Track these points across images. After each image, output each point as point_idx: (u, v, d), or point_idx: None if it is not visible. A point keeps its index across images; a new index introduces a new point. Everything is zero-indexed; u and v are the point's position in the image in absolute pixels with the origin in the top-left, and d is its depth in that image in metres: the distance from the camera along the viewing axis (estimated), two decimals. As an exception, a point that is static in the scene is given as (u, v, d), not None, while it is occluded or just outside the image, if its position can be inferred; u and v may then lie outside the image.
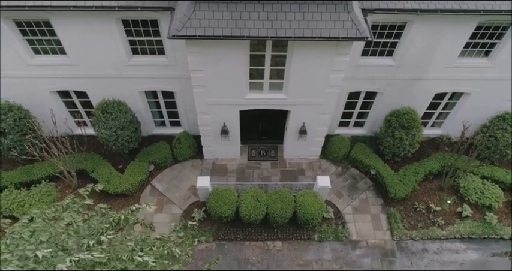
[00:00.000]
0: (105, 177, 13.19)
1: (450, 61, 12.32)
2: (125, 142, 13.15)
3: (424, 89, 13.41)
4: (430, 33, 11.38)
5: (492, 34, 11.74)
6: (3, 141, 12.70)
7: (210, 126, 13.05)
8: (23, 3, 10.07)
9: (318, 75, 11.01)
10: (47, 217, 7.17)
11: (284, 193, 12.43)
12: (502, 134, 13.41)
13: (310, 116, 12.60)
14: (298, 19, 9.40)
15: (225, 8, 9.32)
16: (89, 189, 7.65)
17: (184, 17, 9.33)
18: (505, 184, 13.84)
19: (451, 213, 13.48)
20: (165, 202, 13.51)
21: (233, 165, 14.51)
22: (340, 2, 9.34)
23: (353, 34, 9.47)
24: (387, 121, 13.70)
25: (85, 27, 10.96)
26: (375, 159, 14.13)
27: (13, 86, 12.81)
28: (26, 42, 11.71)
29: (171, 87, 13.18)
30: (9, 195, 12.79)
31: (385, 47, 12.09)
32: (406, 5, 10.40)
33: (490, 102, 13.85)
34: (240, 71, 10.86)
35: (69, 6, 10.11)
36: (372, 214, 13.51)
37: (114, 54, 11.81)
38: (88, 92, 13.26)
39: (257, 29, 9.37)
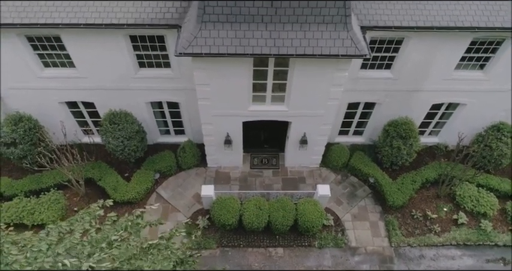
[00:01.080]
0: (112, 185, 13.61)
1: (446, 74, 12.75)
2: (132, 151, 13.58)
3: (422, 100, 13.83)
4: (426, 48, 11.80)
5: (487, 48, 12.16)
6: (14, 150, 13.11)
7: (213, 136, 13.47)
8: (36, 21, 10.52)
9: (318, 89, 11.43)
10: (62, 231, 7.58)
11: (285, 201, 12.86)
12: (497, 144, 13.83)
13: (310, 126, 13.02)
14: (300, 37, 9.82)
15: (230, 27, 9.74)
16: (100, 204, 8.06)
17: (191, 36, 9.75)
18: (499, 192, 14.25)
19: (447, 220, 13.90)
20: (170, 209, 13.93)
21: (236, 173, 14.94)
22: (340, 22, 9.76)
23: (352, 52, 9.88)
24: (385, 131, 14.12)
25: (94, 42, 11.38)
26: (374, 167, 14.56)
27: (23, 97, 13.24)
28: (36, 56, 12.13)
29: (176, 98, 13.61)
30: (20, 202, 13.22)
31: (384, 60, 12.51)
32: (403, 23, 10.83)
33: (486, 112, 14.27)
34: (243, 84, 11.29)
35: (80, 24, 10.54)
36: (370, 221, 13.93)
37: (122, 67, 12.24)
38: (96, 102, 13.69)
39: (260, 47, 9.79)
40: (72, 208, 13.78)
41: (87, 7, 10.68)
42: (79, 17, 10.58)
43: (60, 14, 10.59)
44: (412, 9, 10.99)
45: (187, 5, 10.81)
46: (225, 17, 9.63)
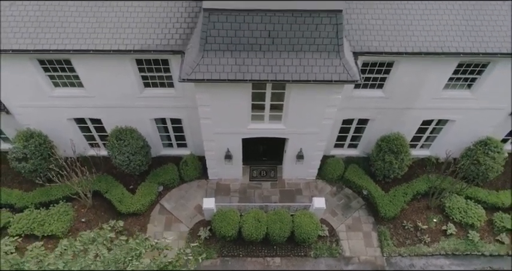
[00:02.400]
0: (118, 198, 14.31)
1: (435, 93, 13.44)
2: (137, 165, 14.29)
3: (412, 117, 14.52)
4: (416, 71, 12.49)
5: (473, 70, 12.85)
6: (25, 165, 13.81)
7: (214, 152, 14.17)
8: (48, 47, 11.22)
9: (314, 109, 12.12)
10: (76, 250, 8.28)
11: (283, 214, 13.56)
12: (484, 158, 14.52)
13: (306, 143, 13.72)
14: (295, 64, 10.52)
15: (230, 55, 10.44)
16: (111, 224, 8.76)
17: (194, 63, 10.45)
18: (487, 204, 14.95)
19: (436, 231, 14.61)
20: (173, 220, 14.64)
21: (236, 185, 15.64)
22: (333, 50, 10.46)
23: (344, 78, 10.58)
24: (378, 145, 14.82)
25: (102, 65, 12.07)
26: (367, 180, 15.26)
27: (34, 114, 13.93)
28: (47, 77, 12.82)
29: (178, 115, 14.31)
30: (30, 214, 13.93)
31: (376, 81, 13.20)
32: (393, 49, 11.53)
33: (474, 128, 14.96)
34: (243, 105, 11.98)
35: (89, 50, 11.25)
36: (364, 231, 14.63)
37: (128, 87, 12.93)
38: (102, 119, 14.38)
39: (258, 73, 10.49)
40: (79, 219, 14.48)
41: (96, 34, 11.38)
42: (88, 43, 11.28)
43: (71, 40, 11.30)
44: (402, 35, 11.68)
45: (190, 32, 11.50)
46: (225, 45, 10.33)
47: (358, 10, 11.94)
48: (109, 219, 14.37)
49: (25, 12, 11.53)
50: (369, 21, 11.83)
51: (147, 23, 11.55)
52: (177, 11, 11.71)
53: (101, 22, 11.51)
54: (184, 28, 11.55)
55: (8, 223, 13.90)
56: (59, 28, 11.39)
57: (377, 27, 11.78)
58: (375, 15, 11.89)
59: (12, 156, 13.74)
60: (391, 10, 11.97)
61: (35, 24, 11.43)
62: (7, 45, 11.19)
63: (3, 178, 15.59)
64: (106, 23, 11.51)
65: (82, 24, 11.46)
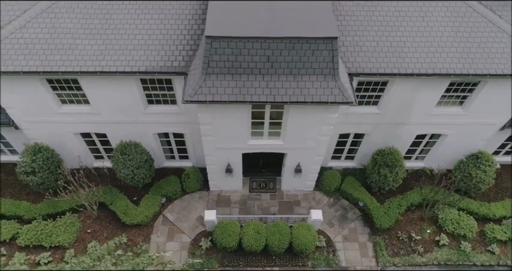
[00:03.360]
0: (123, 210, 14.83)
1: (428, 110, 13.97)
2: (141, 179, 14.82)
3: (407, 131, 15.05)
4: (409, 89, 13.02)
5: (465, 88, 13.38)
6: (33, 178, 14.32)
7: (216, 165, 14.69)
8: (57, 69, 11.75)
9: (311, 127, 12.65)
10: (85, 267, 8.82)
11: (281, 226, 14.09)
12: (476, 171, 15.05)
13: (304, 157, 14.24)
14: (293, 87, 11.05)
15: (231, 78, 10.97)
16: (116, 241, 9.28)
17: (196, 85, 10.97)
18: (478, 215, 15.48)
19: (430, 242, 15.14)
20: (175, 231, 15.16)
21: (236, 196, 16.17)
22: (329, 73, 10.99)
23: (340, 99, 11.11)
24: (374, 159, 15.34)
25: (108, 85, 12.60)
26: (363, 192, 15.78)
27: (42, 130, 14.46)
28: (55, 95, 13.34)
29: (181, 130, 14.83)
30: (38, 225, 14.45)
31: (371, 98, 13.73)
32: (387, 70, 12.07)
33: (466, 142, 15.49)
34: (243, 123, 12.51)
35: (96, 71, 11.78)
36: (359, 242, 15.16)
37: (132, 105, 13.46)
38: (108, 133, 14.90)
39: (258, 95, 11.02)
40: (85, 230, 15.00)
41: (102, 56, 11.92)
42: (96, 65, 11.81)
43: (79, 62, 11.83)
44: (395, 57, 12.22)
45: (192, 54, 12.05)
46: (226, 69, 10.86)
47: (354, 32, 12.48)
48: (114, 230, 14.93)
49: (35, 35, 12.08)
50: (364, 43, 12.37)
51: (152, 45, 12.10)
52: (180, 34, 12.26)
53: (108, 44, 12.05)
54: (187, 50, 12.09)
55: (17, 234, 14.41)
56: (67, 50, 11.93)
57: (371, 49, 12.32)
58: (369, 37, 12.43)
59: (20, 170, 14.25)
60: (385, 32, 12.51)
61: (44, 46, 11.97)
62: (18, 67, 11.72)
63: (11, 189, 16.12)
64: (112, 45, 12.06)
65: (89, 47, 12.00)
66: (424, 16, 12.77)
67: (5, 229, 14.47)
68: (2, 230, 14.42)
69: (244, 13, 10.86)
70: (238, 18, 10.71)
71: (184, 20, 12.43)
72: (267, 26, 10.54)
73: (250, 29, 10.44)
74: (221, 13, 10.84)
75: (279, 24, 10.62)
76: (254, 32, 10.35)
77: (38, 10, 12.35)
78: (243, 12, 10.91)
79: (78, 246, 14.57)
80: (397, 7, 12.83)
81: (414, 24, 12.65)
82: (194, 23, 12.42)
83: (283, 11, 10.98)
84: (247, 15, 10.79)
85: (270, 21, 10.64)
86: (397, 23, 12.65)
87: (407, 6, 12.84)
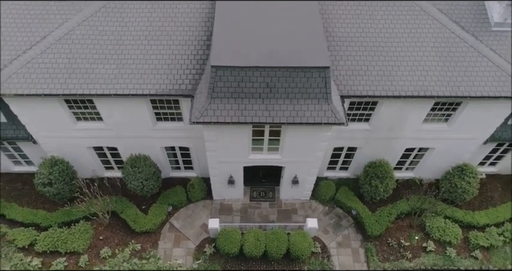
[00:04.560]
0: (132, 218, 15.98)
1: (416, 127, 15.11)
2: (149, 189, 15.98)
3: (396, 145, 16.20)
4: (397, 109, 14.16)
5: (449, 107, 14.51)
6: (50, 189, 15.47)
7: (219, 177, 15.84)
8: (75, 91, 12.90)
9: (306, 143, 13.79)
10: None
11: (279, 233, 15.25)
12: (460, 182, 16.18)
13: (301, 170, 15.39)
14: (290, 109, 12.19)
15: (234, 101, 12.11)
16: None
17: (202, 108, 12.12)
18: (463, 223, 16.62)
19: (417, 248, 16.28)
20: (181, 238, 16.30)
21: (237, 205, 17.32)
22: (322, 97, 12.12)
23: (332, 121, 12.24)
24: (365, 171, 16.48)
25: (121, 104, 13.75)
26: (356, 201, 16.93)
27: (58, 144, 15.61)
28: (71, 113, 14.48)
29: (186, 144, 15.98)
30: (54, 233, 15.60)
31: (362, 116, 14.87)
32: (376, 92, 13.21)
33: (452, 154, 16.61)
34: (244, 140, 13.65)
35: (111, 94, 12.93)
36: (352, 248, 16.31)
37: (142, 122, 14.61)
38: (118, 147, 16.06)
39: (258, 117, 12.15)
40: (98, 237, 16.14)
41: (116, 79, 13.08)
42: (110, 88, 12.97)
43: (95, 85, 12.99)
44: (384, 80, 13.36)
45: (198, 78, 13.19)
46: (230, 94, 12.00)
47: (346, 57, 13.62)
48: (124, 237, 16.08)
49: (54, 60, 13.24)
50: (355, 67, 13.51)
51: (161, 70, 13.25)
52: (186, 59, 13.41)
53: (121, 69, 13.21)
54: (193, 74, 13.24)
55: (35, 241, 15.56)
56: (84, 74, 13.08)
57: (362, 72, 13.46)
58: (360, 62, 13.57)
59: (38, 182, 15.40)
60: (375, 57, 13.65)
61: (63, 70, 13.13)
62: (40, 89, 12.87)
63: (28, 198, 17.26)
64: (125, 69, 13.21)
65: (104, 71, 13.16)
66: (411, 41, 13.91)
67: (24, 236, 15.61)
68: (21, 237, 15.56)
69: (245, 43, 12.00)
70: (240, 48, 11.85)
71: (191, 46, 13.58)
72: (266, 55, 11.69)
73: (250, 58, 11.58)
74: (224, 43, 11.98)
75: (277, 53, 11.76)
76: (254, 61, 11.49)
77: (56, 37, 13.51)
78: (244, 41, 12.05)
79: (92, 251, 15.71)
80: (386, 33, 13.97)
81: (402, 50, 13.79)
82: (200, 48, 13.56)
83: (281, 40, 12.13)
84: (248, 45, 11.94)
85: (268, 51, 11.78)
86: (386, 49, 13.78)
87: (396, 32, 13.98)
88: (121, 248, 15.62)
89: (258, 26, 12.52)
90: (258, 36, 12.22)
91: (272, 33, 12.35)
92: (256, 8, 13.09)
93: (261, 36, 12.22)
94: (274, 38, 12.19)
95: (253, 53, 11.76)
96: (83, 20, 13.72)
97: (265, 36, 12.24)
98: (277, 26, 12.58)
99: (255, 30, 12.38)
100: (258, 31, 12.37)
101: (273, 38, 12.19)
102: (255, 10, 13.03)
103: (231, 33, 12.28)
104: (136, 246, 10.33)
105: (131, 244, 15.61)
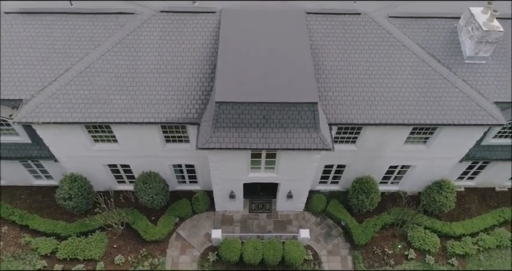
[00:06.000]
0: (143, 228, 17.78)
1: (397, 148, 16.90)
2: (159, 203, 17.79)
3: (381, 163, 17.99)
4: (380, 133, 15.94)
5: (426, 131, 16.30)
6: (69, 203, 17.27)
7: (221, 191, 17.64)
8: (95, 120, 14.69)
9: (298, 164, 15.58)
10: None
11: (275, 243, 17.05)
12: (439, 197, 17.97)
13: (294, 186, 17.19)
14: (283, 137, 13.96)
15: (235, 130, 13.88)
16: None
17: (207, 136, 13.91)
18: (441, 233, 18.41)
19: (400, 256, 18.07)
20: (187, 246, 18.10)
21: (238, 216, 19.11)
22: (312, 127, 13.91)
23: (320, 146, 14.02)
24: (353, 186, 18.29)
25: (134, 130, 15.53)
26: (345, 213, 18.73)
27: (77, 162, 17.40)
28: (90, 136, 16.27)
29: (192, 162, 17.77)
30: (73, 242, 17.40)
31: (349, 138, 16.65)
32: (360, 120, 14.99)
33: (432, 171, 18.40)
34: (244, 162, 15.44)
35: (127, 122, 14.72)
36: (341, 256, 18.09)
37: (153, 143, 16.40)
38: (131, 164, 17.86)
39: (256, 143, 13.92)
40: (112, 245, 17.95)
41: (132, 109, 14.85)
42: (126, 117, 14.74)
43: (113, 114, 14.75)
44: (367, 109, 15.13)
45: (203, 107, 14.97)
46: (231, 124, 13.78)
47: (334, 88, 15.40)
48: (136, 245, 17.88)
49: (76, 91, 15.02)
50: (341, 97, 15.29)
51: (171, 100, 15.03)
52: (193, 90, 15.18)
53: (135, 99, 14.99)
54: (199, 104, 15.01)
55: (56, 249, 17.35)
56: (103, 104, 14.86)
57: (348, 102, 15.23)
58: (346, 93, 15.34)
59: (60, 196, 17.20)
60: (359, 88, 15.43)
61: (84, 101, 14.90)
62: (65, 118, 14.65)
63: (48, 210, 19.04)
64: (139, 100, 14.99)
65: (121, 101, 14.94)
66: (392, 74, 15.69)
67: (46, 244, 17.42)
68: (44, 246, 17.37)
69: (244, 80, 13.77)
70: (240, 85, 13.64)
71: (197, 78, 15.36)
72: (263, 91, 13.49)
73: (249, 94, 13.38)
74: (227, 81, 13.76)
75: (272, 90, 13.55)
76: (252, 97, 13.30)
77: (78, 70, 15.30)
78: (243, 79, 13.82)
79: (107, 258, 17.52)
80: (369, 66, 15.75)
81: (383, 81, 15.56)
82: (205, 81, 15.34)
83: (276, 78, 13.91)
84: (247, 82, 13.72)
85: (265, 88, 13.58)
86: (370, 80, 15.56)
87: (378, 65, 15.75)
88: (133, 255, 17.47)
89: (255, 64, 14.30)
90: (255, 73, 14.00)
91: (268, 71, 14.13)
92: (254, 48, 14.88)
93: (258, 74, 14.00)
94: (269, 75, 13.97)
95: (252, 89, 13.55)
96: (101, 54, 15.52)
97: (262, 74, 14.01)
98: (273, 63, 14.36)
99: (252, 69, 14.16)
100: (255, 69, 14.15)
101: (269, 75, 13.97)
102: (253, 49, 14.82)
103: (232, 71, 14.06)
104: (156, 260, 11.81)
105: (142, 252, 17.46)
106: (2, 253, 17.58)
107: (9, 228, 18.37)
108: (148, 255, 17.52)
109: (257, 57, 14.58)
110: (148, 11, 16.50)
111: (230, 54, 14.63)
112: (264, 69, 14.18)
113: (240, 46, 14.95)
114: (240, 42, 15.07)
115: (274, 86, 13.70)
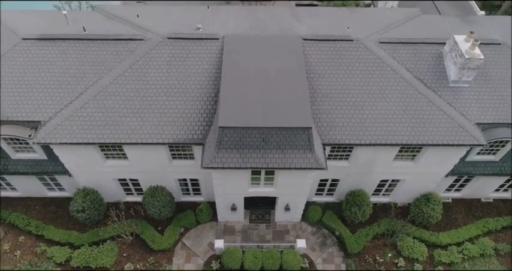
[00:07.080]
0: (151, 238, 19.10)
1: (387, 164, 18.20)
2: (165, 214, 19.11)
3: (372, 178, 19.30)
4: (370, 151, 17.24)
5: (413, 150, 17.60)
6: (82, 215, 18.59)
7: (223, 204, 18.95)
8: (108, 140, 16.00)
9: (295, 181, 16.89)
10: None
11: (274, 252, 18.37)
12: (426, 209, 19.28)
13: (291, 199, 18.50)
14: (281, 157, 15.26)
15: (236, 151, 15.19)
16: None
17: (211, 156, 15.22)
18: (429, 243, 19.71)
19: (390, 264, 19.39)
20: (191, 255, 19.42)
21: (239, 226, 20.42)
22: (307, 148, 15.21)
23: (315, 166, 15.32)
24: (346, 199, 19.60)
25: (144, 148, 16.83)
26: (339, 223, 20.04)
27: (89, 176, 18.71)
28: (102, 154, 17.58)
29: (196, 176, 19.09)
30: (86, 251, 18.71)
31: (342, 156, 17.96)
32: (351, 141, 16.29)
33: (420, 184, 19.71)
34: (244, 179, 16.76)
35: (137, 143, 16.02)
36: (335, 264, 19.40)
37: (160, 160, 17.70)
38: (139, 179, 19.18)
39: (256, 163, 15.22)
40: (122, 254, 19.27)
41: (141, 130, 16.15)
42: (136, 138, 16.05)
43: (124, 135, 16.06)
44: (358, 130, 16.42)
45: (208, 129, 16.28)
46: (233, 145, 15.08)
47: (328, 111, 16.69)
48: (144, 254, 19.20)
49: (91, 114, 16.31)
50: (334, 119, 16.58)
51: (177, 122, 16.31)
52: (198, 112, 16.48)
53: (145, 121, 16.29)
54: (203, 125, 16.31)
55: (70, 258, 18.66)
56: (115, 126, 16.16)
57: (340, 124, 16.52)
58: (339, 115, 16.64)
59: (74, 209, 18.53)
60: (351, 111, 16.72)
61: (98, 122, 16.20)
62: (80, 139, 15.96)
63: (61, 220, 20.36)
64: (148, 121, 16.29)
65: (132, 123, 16.23)
66: (381, 97, 16.98)
67: (60, 253, 18.73)
68: (58, 254, 18.68)
69: (245, 107, 15.05)
70: (241, 111, 14.93)
71: (201, 101, 16.65)
72: (262, 117, 14.78)
73: (250, 120, 14.69)
74: (229, 107, 15.04)
75: (271, 115, 14.85)
76: (253, 123, 14.61)
77: (92, 93, 16.60)
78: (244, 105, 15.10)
79: (117, 266, 18.84)
80: (361, 90, 17.05)
81: (373, 104, 16.85)
82: (209, 103, 16.64)
83: (274, 104, 15.19)
84: (247, 108, 15.01)
85: (264, 113, 14.88)
86: (361, 103, 16.85)
87: (369, 89, 17.05)
88: (142, 263, 18.79)
89: (255, 90, 15.59)
90: (255, 99, 15.28)
91: (267, 96, 15.43)
92: (254, 73, 16.18)
93: (258, 99, 15.29)
94: (269, 101, 15.27)
95: (252, 114, 14.85)
96: (113, 78, 16.82)
97: (261, 99, 15.31)
98: (272, 89, 15.66)
99: (253, 94, 15.45)
100: (255, 95, 15.44)
101: (268, 101, 15.27)
102: (253, 75, 16.12)
103: (233, 96, 15.35)
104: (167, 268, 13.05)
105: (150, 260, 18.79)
106: (19, 261, 18.89)
107: (25, 237, 19.68)
108: (155, 263, 18.85)
109: (257, 83, 15.87)
110: (156, 37, 17.81)
111: (232, 80, 15.92)
112: (263, 94, 15.46)
113: (241, 71, 16.24)
114: (241, 68, 16.36)
115: (273, 111, 15.00)
